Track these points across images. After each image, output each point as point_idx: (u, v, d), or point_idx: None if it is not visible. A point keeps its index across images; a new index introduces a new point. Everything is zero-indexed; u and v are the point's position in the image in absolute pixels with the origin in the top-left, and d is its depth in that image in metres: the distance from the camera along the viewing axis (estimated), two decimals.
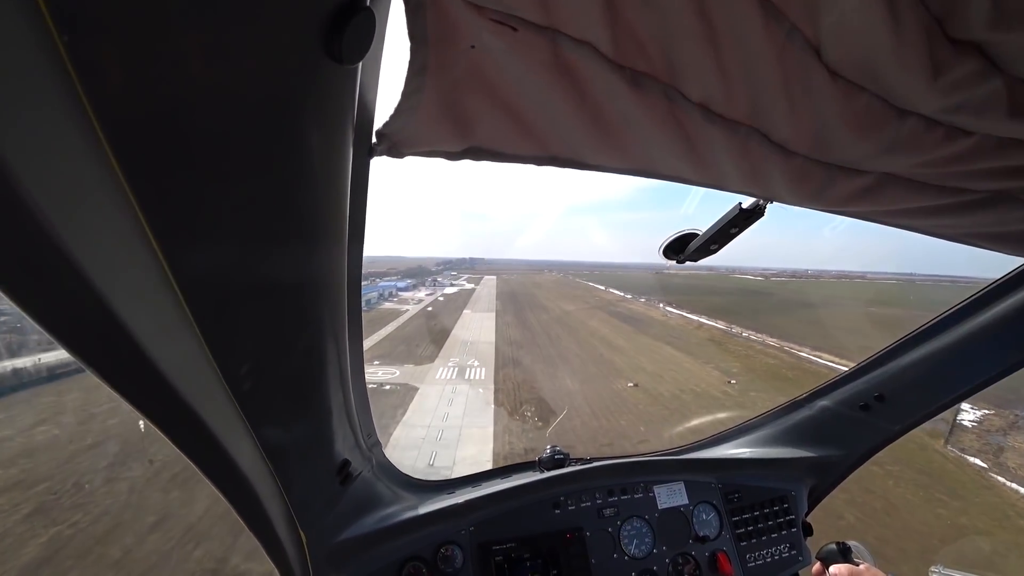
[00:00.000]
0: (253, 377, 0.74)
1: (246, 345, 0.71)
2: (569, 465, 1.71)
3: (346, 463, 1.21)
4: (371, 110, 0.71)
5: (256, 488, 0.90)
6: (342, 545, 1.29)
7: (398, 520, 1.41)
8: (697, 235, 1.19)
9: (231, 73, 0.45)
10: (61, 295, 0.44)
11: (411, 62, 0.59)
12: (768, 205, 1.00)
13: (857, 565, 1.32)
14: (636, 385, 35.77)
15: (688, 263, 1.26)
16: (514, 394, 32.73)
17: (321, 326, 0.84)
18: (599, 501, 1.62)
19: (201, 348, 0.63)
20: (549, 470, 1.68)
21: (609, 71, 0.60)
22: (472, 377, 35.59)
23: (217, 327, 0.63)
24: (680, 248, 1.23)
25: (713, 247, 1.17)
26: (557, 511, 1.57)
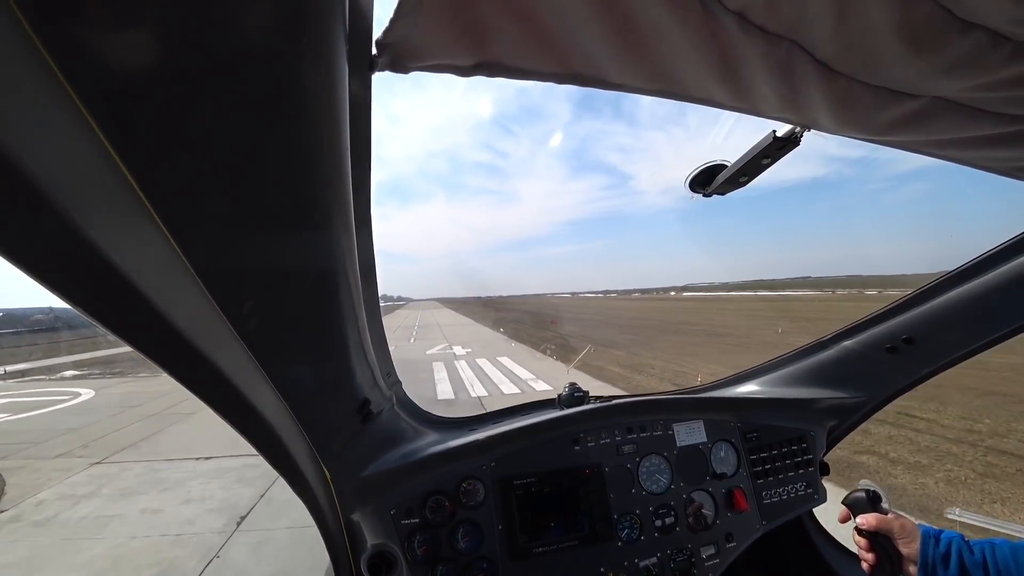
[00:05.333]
0: (257, 318, 0.70)
1: (246, 285, 0.67)
2: (588, 403, 1.74)
3: (366, 402, 1.22)
4: (368, 18, 0.61)
5: (278, 430, 0.91)
6: (366, 480, 1.32)
7: (421, 456, 1.43)
8: (726, 167, 1.15)
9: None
10: (85, 275, 0.46)
11: None
12: (804, 133, 0.93)
13: (885, 513, 1.25)
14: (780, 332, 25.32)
15: (716, 195, 1.22)
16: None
17: (327, 262, 0.79)
18: (618, 438, 1.63)
19: (202, 290, 0.59)
20: (568, 408, 1.70)
21: None
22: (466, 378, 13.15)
23: (213, 266, 0.59)
24: (707, 181, 1.19)
25: (743, 179, 1.14)
26: (576, 447, 1.58)
